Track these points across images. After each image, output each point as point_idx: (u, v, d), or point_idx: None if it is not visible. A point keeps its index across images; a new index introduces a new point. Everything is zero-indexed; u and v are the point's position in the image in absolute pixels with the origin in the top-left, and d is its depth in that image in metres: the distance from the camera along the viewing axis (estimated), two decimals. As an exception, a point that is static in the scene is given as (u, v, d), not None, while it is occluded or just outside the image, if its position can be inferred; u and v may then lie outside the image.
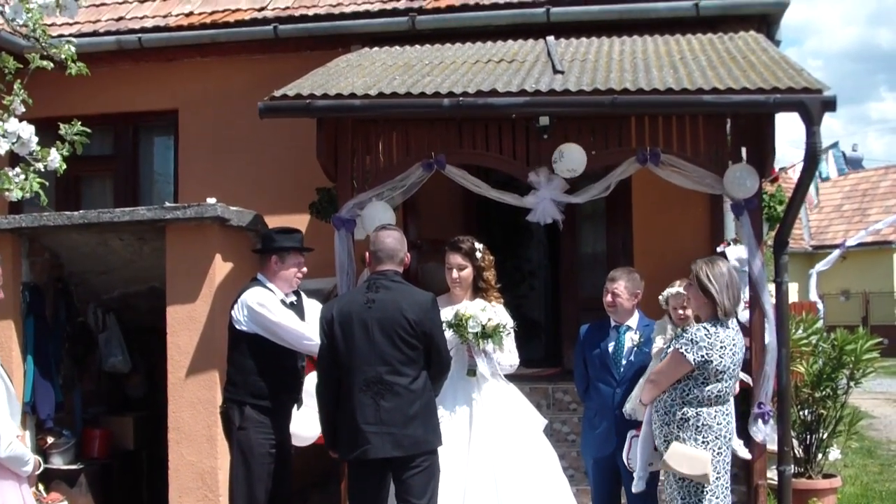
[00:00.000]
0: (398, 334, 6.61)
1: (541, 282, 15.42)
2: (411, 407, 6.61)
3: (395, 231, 7.12)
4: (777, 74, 8.51)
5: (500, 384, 7.78)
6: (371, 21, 11.85)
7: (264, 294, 7.49)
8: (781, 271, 8.79)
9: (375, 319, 6.63)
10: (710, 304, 6.78)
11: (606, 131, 8.86)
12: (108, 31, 12.58)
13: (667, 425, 6.82)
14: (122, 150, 13.31)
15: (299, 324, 7.48)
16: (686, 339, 6.70)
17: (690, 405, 6.71)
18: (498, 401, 7.66)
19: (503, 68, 9.55)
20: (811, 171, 8.58)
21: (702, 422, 6.70)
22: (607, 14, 11.43)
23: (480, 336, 7.45)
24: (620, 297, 7.75)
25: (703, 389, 6.69)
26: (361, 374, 6.60)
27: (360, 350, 6.62)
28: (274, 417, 7.53)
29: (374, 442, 6.53)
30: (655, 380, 6.93)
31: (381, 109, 8.75)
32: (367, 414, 6.56)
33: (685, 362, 6.65)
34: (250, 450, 7.42)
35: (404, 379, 6.61)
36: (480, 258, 7.83)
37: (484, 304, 7.68)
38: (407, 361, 6.63)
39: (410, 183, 8.98)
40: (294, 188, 11.36)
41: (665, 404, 6.84)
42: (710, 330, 6.69)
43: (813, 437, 10.40)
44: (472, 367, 7.59)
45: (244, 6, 12.64)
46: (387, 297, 6.71)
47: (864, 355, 10.46)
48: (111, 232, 9.16)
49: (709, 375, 6.66)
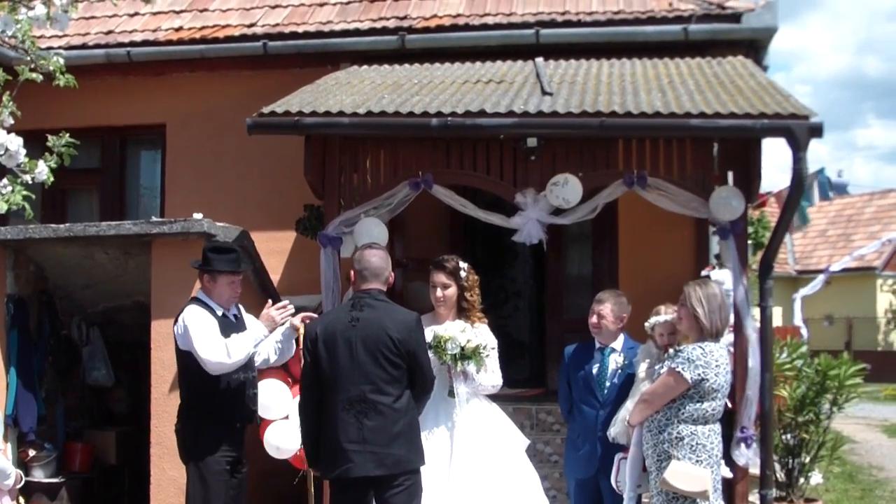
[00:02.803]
0: (382, 353, 6.58)
1: (526, 302, 15.41)
2: (395, 426, 6.59)
3: (381, 250, 7.10)
4: (764, 100, 8.54)
5: (483, 404, 7.79)
6: (360, 39, 11.87)
7: (195, 312, 7.34)
8: (766, 296, 8.80)
9: (359, 338, 6.61)
10: (697, 326, 6.86)
11: (594, 153, 8.86)
12: (98, 44, 12.58)
13: (661, 444, 6.87)
14: (109, 164, 13.28)
15: (215, 345, 7.19)
16: (682, 357, 6.78)
17: (686, 423, 6.79)
18: (480, 421, 7.66)
19: (492, 89, 9.57)
20: (797, 196, 8.61)
21: (696, 441, 6.78)
22: (596, 37, 11.48)
23: (459, 357, 7.45)
24: (606, 320, 7.75)
25: (697, 407, 6.77)
26: (345, 392, 6.57)
27: (344, 368, 6.59)
28: (228, 434, 7.41)
29: (357, 461, 6.51)
30: (649, 400, 6.97)
31: (369, 128, 8.75)
32: (350, 432, 6.54)
33: (682, 381, 6.74)
34: (206, 467, 7.30)
35: (388, 398, 6.59)
36: (465, 277, 7.83)
37: (464, 326, 7.67)
38: (391, 380, 6.61)
39: (397, 202, 8.97)
40: (281, 204, 11.37)
41: (658, 424, 6.89)
42: (705, 349, 6.81)
43: (795, 462, 10.42)
44: (452, 389, 7.59)
45: (234, 22, 12.66)
46: (371, 316, 6.70)
47: (848, 381, 10.49)
48: (97, 246, 9.16)
49: (704, 394, 6.77)
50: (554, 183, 8.59)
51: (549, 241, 9.15)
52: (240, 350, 7.22)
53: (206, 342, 7.14)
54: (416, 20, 11.99)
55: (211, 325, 7.26)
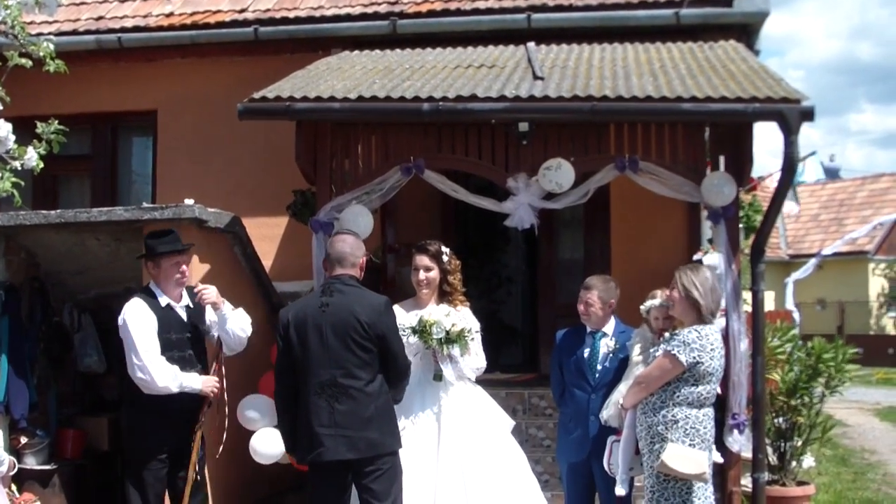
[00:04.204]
0: (351, 337, 6.62)
1: (518, 287, 15.42)
2: (366, 410, 6.62)
3: (349, 236, 7.14)
4: (756, 84, 8.54)
5: (468, 387, 7.79)
6: (352, 24, 11.87)
7: (135, 310, 7.27)
8: (758, 280, 8.82)
9: (329, 323, 6.65)
10: (694, 309, 6.91)
11: (585, 138, 8.87)
12: (88, 30, 12.56)
13: (655, 426, 6.90)
14: (101, 150, 13.28)
15: (146, 358, 7.10)
16: (678, 341, 6.82)
17: (681, 406, 6.84)
18: (465, 404, 7.67)
19: (483, 73, 9.56)
20: (788, 181, 8.62)
21: (691, 424, 6.83)
22: (588, 21, 11.48)
23: (445, 341, 7.47)
24: (593, 307, 7.75)
25: (692, 391, 6.82)
26: (316, 377, 6.62)
27: (315, 354, 6.64)
28: (166, 424, 7.32)
29: (329, 444, 6.55)
30: (644, 382, 7.00)
31: (360, 113, 8.75)
32: (322, 417, 6.58)
33: (677, 364, 6.78)
34: (142, 456, 7.28)
35: (359, 382, 6.62)
36: (447, 262, 7.85)
37: (448, 310, 7.68)
38: (361, 364, 6.64)
39: (388, 187, 8.97)
40: (273, 190, 11.36)
41: (653, 406, 6.93)
42: (700, 332, 6.85)
43: (787, 445, 10.42)
44: (439, 372, 7.59)
45: (225, 7, 12.64)
46: (341, 301, 6.73)
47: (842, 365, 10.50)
48: (88, 232, 9.13)
49: (699, 377, 6.82)
50: (547, 167, 8.59)
51: (541, 225, 9.15)
52: (170, 382, 7.17)
53: (143, 349, 7.13)
54: (407, 5, 11.97)
55: (148, 332, 7.19)
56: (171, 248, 7.48)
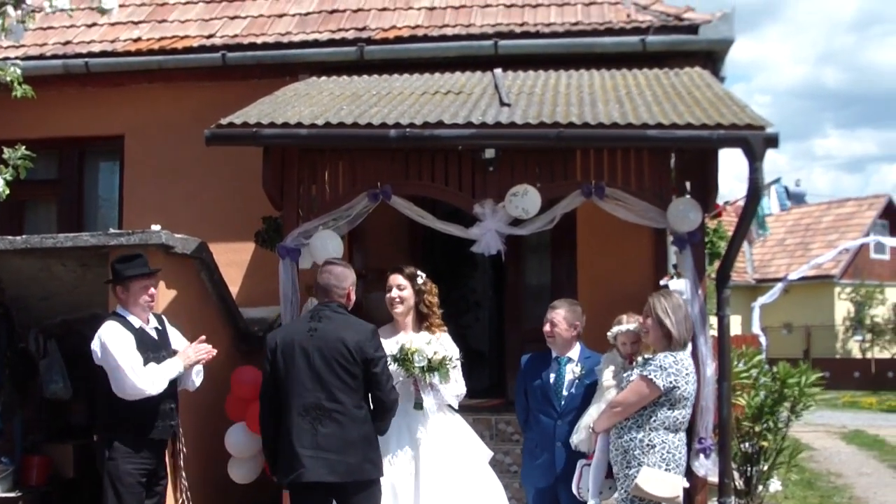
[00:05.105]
0: (338, 361, 6.70)
1: (486, 312, 15.45)
2: (349, 434, 6.68)
3: (336, 266, 7.23)
4: (721, 110, 8.59)
5: (447, 416, 7.84)
6: (319, 50, 11.89)
7: (112, 331, 7.33)
8: (723, 305, 8.87)
9: (316, 347, 6.74)
10: (666, 338, 6.96)
11: (552, 164, 8.90)
12: (55, 54, 12.54)
13: (631, 451, 6.94)
14: (67, 175, 13.22)
15: (134, 370, 7.22)
16: (654, 365, 6.91)
17: (657, 431, 6.90)
18: (445, 433, 7.71)
19: (450, 100, 9.59)
20: (753, 206, 8.66)
21: (667, 448, 6.93)
22: (554, 48, 11.55)
23: (427, 370, 7.48)
24: (558, 327, 7.78)
25: (669, 415, 6.90)
26: (301, 399, 6.69)
27: (301, 376, 6.72)
28: (143, 447, 7.41)
29: (309, 465, 6.60)
30: (620, 407, 7.05)
31: (327, 139, 8.76)
32: (304, 439, 6.64)
33: (654, 388, 6.86)
34: (119, 480, 7.27)
35: (343, 406, 6.69)
36: (422, 283, 7.91)
37: (429, 337, 7.72)
38: (346, 389, 6.71)
39: (356, 213, 8.97)
40: (240, 216, 11.34)
41: (628, 430, 6.96)
42: (676, 357, 6.96)
43: (753, 470, 10.49)
44: (419, 401, 7.61)
45: (193, 33, 12.64)
46: (329, 327, 6.83)
47: (807, 389, 10.57)
48: (54, 257, 9.09)
49: (675, 401, 6.91)
50: (513, 193, 8.61)
51: (508, 251, 9.16)
52: (159, 382, 7.31)
53: (129, 367, 7.19)
54: (375, 31, 12.01)
55: (128, 348, 7.27)
56: (140, 272, 7.55)
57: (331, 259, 7.43)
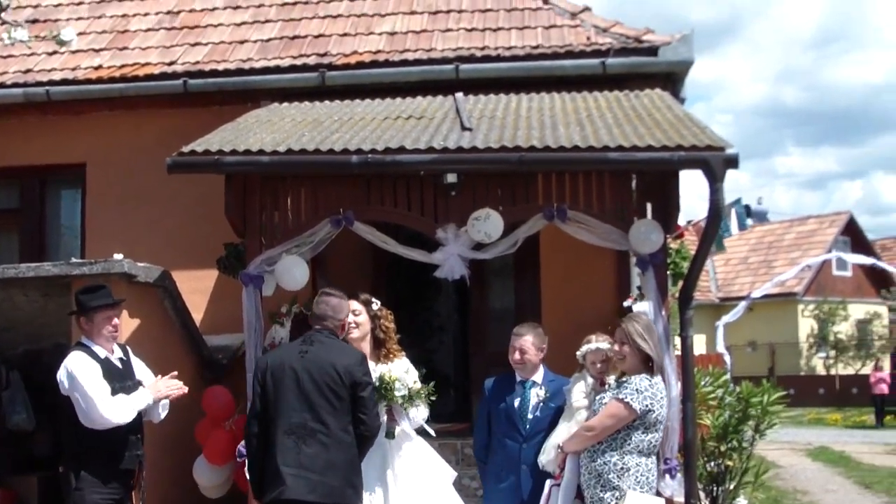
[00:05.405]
0: (326, 384, 6.81)
1: (450, 336, 15.41)
2: (332, 456, 6.77)
3: (332, 298, 7.32)
4: (681, 132, 8.64)
5: (411, 439, 7.93)
6: (281, 76, 11.90)
7: (78, 360, 7.33)
8: (686, 326, 8.90)
9: (305, 369, 6.87)
10: (644, 363, 6.98)
11: (514, 188, 8.93)
12: (16, 83, 12.48)
13: (605, 474, 6.95)
14: (29, 204, 13.15)
15: (103, 400, 7.21)
16: (630, 388, 6.92)
17: (632, 454, 6.92)
18: (412, 458, 7.80)
19: (412, 125, 9.60)
20: (715, 227, 8.71)
21: (641, 472, 6.95)
22: (515, 71, 11.61)
23: (407, 399, 7.59)
24: (528, 354, 7.79)
25: (643, 438, 6.94)
26: (288, 418, 6.79)
27: (289, 395, 6.83)
28: (111, 478, 7.38)
29: (290, 483, 6.67)
30: (596, 430, 7.02)
31: (289, 166, 8.77)
32: (288, 457, 6.72)
33: (631, 411, 6.89)
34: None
35: (328, 429, 6.79)
36: (377, 308, 8.03)
37: (407, 366, 7.90)
38: (332, 411, 6.82)
39: (319, 239, 8.97)
40: (204, 243, 11.26)
41: (601, 453, 6.97)
42: (651, 381, 6.99)
43: (720, 490, 10.52)
44: (391, 430, 7.71)
45: (154, 60, 12.61)
46: (319, 350, 6.98)
47: (770, 408, 10.61)
48: (16, 287, 9.05)
49: (649, 425, 6.95)
50: (476, 218, 8.64)
51: (472, 274, 9.18)
52: (127, 412, 7.32)
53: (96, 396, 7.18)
54: (336, 57, 12.04)
55: (96, 377, 7.25)
56: (104, 303, 7.56)
57: (327, 290, 7.49)
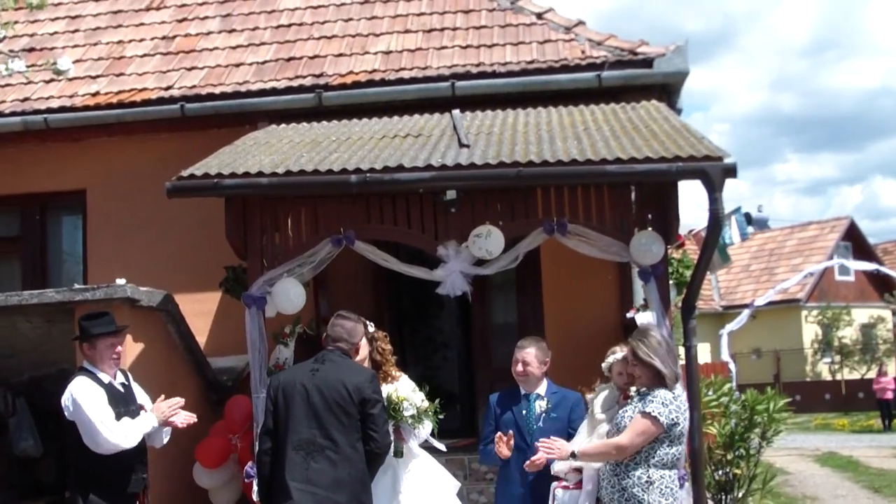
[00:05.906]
0: (336, 401, 6.89)
1: (454, 352, 15.42)
2: (340, 473, 6.82)
3: (347, 321, 7.45)
4: (679, 143, 8.64)
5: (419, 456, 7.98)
6: (278, 98, 11.93)
7: (83, 386, 7.33)
8: (690, 335, 8.90)
9: (316, 386, 6.96)
10: (657, 376, 6.94)
11: (513, 203, 8.94)
12: (14, 111, 12.51)
13: (630, 488, 6.88)
14: (30, 231, 13.19)
15: (108, 425, 7.22)
16: (657, 402, 6.84)
17: (656, 468, 6.86)
18: (419, 473, 7.84)
19: (410, 143, 9.61)
20: (715, 236, 8.71)
21: (665, 484, 6.87)
22: (511, 87, 11.63)
23: (416, 418, 7.63)
24: (531, 366, 7.81)
25: (668, 452, 6.88)
26: (297, 434, 6.87)
27: (299, 411, 6.91)
28: (116, 501, 7.37)
29: (297, 498, 6.72)
30: (626, 450, 6.87)
31: (288, 187, 8.78)
32: (296, 472, 6.79)
33: (658, 426, 6.81)
34: None
35: (336, 446, 6.85)
36: (373, 331, 8.06)
37: (413, 385, 7.93)
38: (341, 428, 6.89)
39: (320, 259, 8.99)
40: (205, 265, 11.30)
41: (625, 468, 6.92)
42: (675, 393, 6.93)
43: (728, 498, 10.50)
44: (399, 448, 7.73)
45: (150, 85, 12.64)
46: (330, 368, 7.09)
47: (776, 415, 10.60)
48: (19, 315, 9.06)
49: (674, 438, 6.89)
50: (476, 234, 8.65)
51: (474, 290, 9.18)
52: (133, 436, 7.33)
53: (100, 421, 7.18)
54: (332, 77, 12.06)
55: (101, 403, 7.26)
56: (106, 330, 7.55)
57: (343, 313, 7.57)
